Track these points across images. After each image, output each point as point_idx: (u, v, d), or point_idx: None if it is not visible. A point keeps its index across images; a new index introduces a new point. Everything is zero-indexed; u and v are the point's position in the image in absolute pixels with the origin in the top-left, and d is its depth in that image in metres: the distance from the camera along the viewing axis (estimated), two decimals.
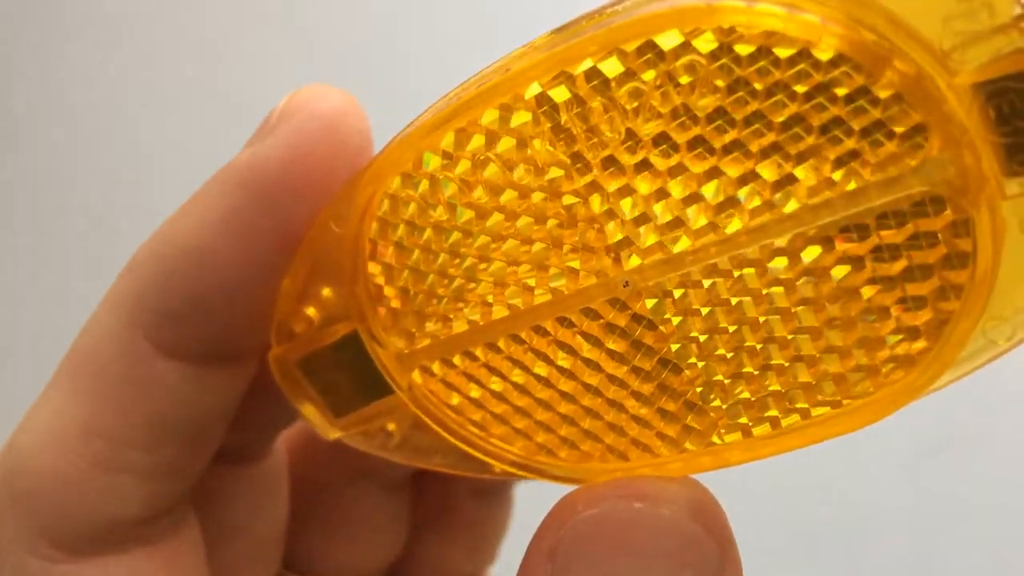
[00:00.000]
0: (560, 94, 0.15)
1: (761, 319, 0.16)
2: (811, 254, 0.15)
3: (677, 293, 0.16)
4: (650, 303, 0.17)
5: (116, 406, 0.19)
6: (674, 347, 0.17)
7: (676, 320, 0.17)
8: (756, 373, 0.17)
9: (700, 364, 0.17)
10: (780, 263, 0.15)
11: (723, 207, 0.15)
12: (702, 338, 0.17)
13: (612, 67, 0.15)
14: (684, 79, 0.15)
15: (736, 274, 0.16)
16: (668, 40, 0.14)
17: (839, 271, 0.15)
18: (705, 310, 0.16)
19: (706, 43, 0.14)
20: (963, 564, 0.41)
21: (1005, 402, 0.41)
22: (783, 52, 0.14)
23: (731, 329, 0.16)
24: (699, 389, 0.17)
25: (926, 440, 0.41)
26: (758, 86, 0.14)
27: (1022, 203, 0.14)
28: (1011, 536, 0.41)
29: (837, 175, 0.15)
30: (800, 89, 0.14)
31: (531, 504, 0.23)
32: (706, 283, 0.16)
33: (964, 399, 0.16)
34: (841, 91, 0.14)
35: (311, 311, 0.20)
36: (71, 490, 0.18)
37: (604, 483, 0.18)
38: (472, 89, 0.16)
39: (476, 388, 0.19)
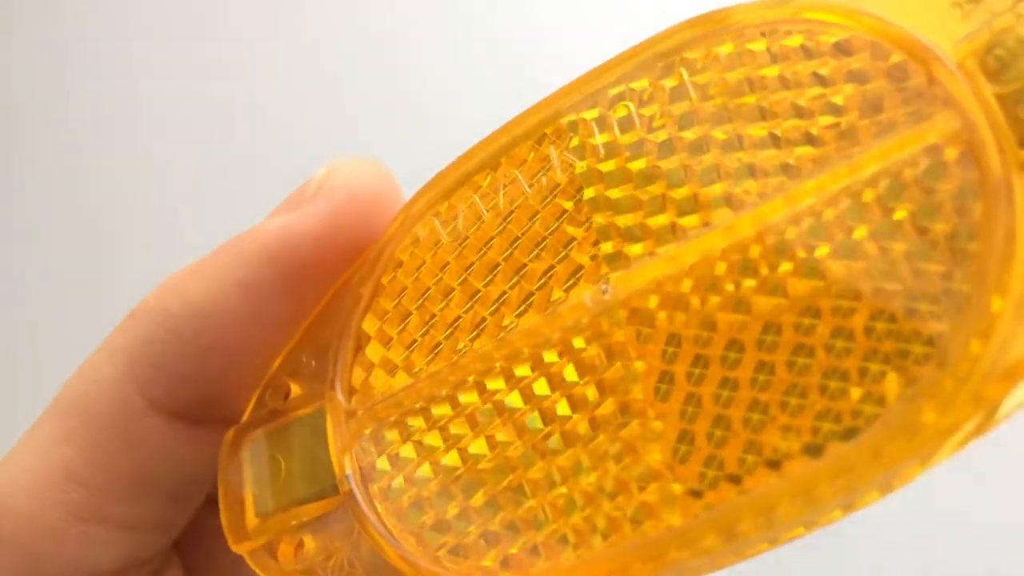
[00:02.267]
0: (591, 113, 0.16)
1: (760, 336, 0.14)
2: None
3: (662, 309, 0.14)
4: (623, 316, 0.15)
5: (100, 456, 0.18)
6: (644, 389, 0.14)
7: (660, 341, 0.14)
8: (742, 419, 0.13)
9: (678, 407, 0.14)
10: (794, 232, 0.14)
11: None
12: (686, 367, 0.14)
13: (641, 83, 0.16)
14: (701, 79, 0.15)
15: (743, 281, 0.14)
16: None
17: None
18: (697, 331, 0.14)
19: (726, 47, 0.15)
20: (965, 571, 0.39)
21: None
22: (792, 42, 0.14)
23: (730, 355, 0.14)
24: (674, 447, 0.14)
25: None
26: (769, 74, 0.15)
27: None
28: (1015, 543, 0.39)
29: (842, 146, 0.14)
30: (818, 71, 0.14)
31: None
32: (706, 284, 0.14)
33: None
34: (856, 65, 0.14)
35: (293, 385, 0.18)
36: (47, 539, 0.18)
37: None
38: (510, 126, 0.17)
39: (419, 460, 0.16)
